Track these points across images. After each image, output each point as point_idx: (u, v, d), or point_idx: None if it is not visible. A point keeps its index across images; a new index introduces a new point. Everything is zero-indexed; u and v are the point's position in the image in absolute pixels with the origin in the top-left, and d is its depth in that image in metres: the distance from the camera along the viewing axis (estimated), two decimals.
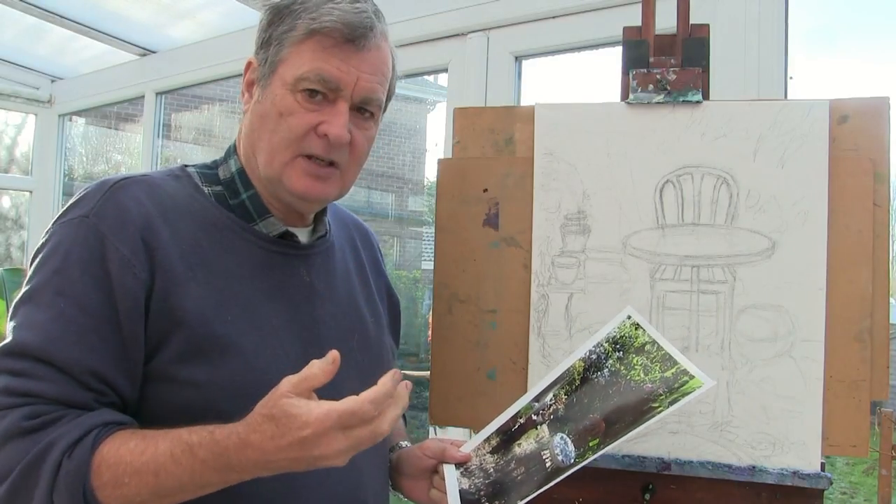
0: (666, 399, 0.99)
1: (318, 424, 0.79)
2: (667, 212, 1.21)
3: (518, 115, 1.32)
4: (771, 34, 1.57)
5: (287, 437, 0.80)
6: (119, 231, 0.90)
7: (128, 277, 0.88)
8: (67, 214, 0.93)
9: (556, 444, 1.03)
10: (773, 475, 1.13)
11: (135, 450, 0.83)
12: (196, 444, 0.83)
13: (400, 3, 2.07)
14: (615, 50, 1.70)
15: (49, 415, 0.84)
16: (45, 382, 0.84)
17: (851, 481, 5.66)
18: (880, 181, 1.14)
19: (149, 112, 3.03)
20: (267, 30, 1.00)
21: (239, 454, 0.82)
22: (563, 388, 1.09)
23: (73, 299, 0.87)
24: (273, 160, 0.98)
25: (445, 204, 1.34)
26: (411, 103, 9.43)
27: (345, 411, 0.80)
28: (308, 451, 0.80)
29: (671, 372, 1.02)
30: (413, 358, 6.67)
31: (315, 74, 0.96)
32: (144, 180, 0.97)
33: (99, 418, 0.86)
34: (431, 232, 5.20)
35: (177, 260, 0.92)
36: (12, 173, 3.83)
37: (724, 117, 1.19)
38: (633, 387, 1.03)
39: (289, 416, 0.80)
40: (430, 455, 1.11)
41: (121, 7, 2.71)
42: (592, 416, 1.03)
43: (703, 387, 0.98)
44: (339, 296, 1.10)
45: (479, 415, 1.12)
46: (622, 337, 1.09)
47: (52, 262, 0.89)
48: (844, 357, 1.13)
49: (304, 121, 0.97)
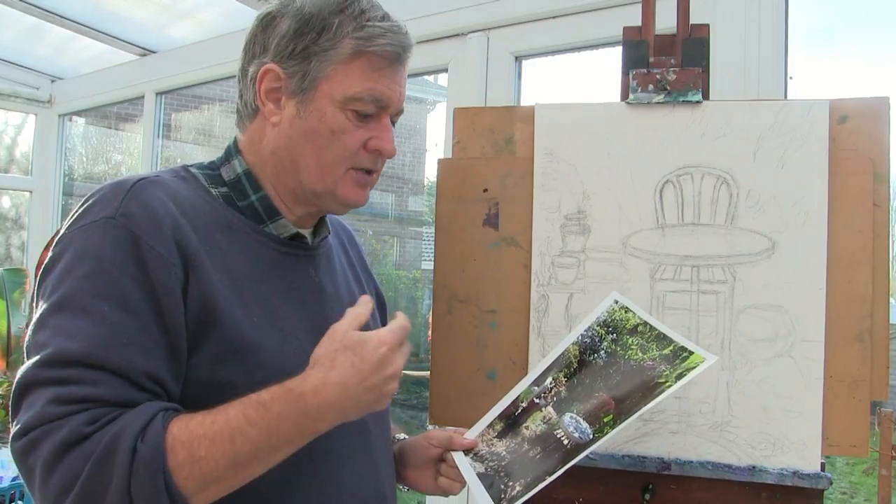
0: (672, 374, 1.00)
1: (392, 338, 0.88)
2: (667, 212, 1.21)
3: (518, 115, 1.32)
4: (771, 34, 1.57)
5: (367, 359, 0.86)
6: (152, 231, 0.88)
7: (170, 277, 0.87)
8: (86, 217, 0.90)
9: (567, 423, 1.04)
10: (773, 475, 1.13)
11: (204, 421, 0.82)
12: (268, 399, 0.83)
13: (400, 3, 2.06)
14: (615, 50, 1.70)
15: (108, 415, 0.80)
16: (101, 386, 0.81)
17: (851, 481, 5.66)
18: (880, 181, 1.14)
19: (149, 112, 3.04)
20: (295, 40, 0.98)
21: (317, 396, 0.84)
22: (562, 372, 1.10)
23: (116, 302, 0.84)
24: (325, 176, 1.00)
25: (445, 204, 1.34)
26: (411, 103, 9.39)
27: (401, 326, 0.91)
28: (383, 372, 0.87)
29: (669, 350, 1.04)
30: (413, 358, 6.67)
31: (369, 96, 0.98)
32: (159, 181, 0.96)
33: (159, 405, 0.84)
34: (431, 232, 5.20)
35: (205, 259, 0.91)
36: (12, 173, 3.83)
37: (724, 117, 1.19)
38: (634, 365, 1.05)
39: (364, 340, 0.87)
40: (436, 444, 1.14)
41: (121, 7, 2.71)
42: (599, 395, 1.04)
43: (707, 362, 0.99)
44: (343, 295, 1.11)
45: (479, 415, 1.13)
46: (613, 320, 1.10)
47: (82, 268, 0.85)
48: (844, 357, 1.13)
49: (357, 138, 1.00)
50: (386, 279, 7.55)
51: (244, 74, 1.04)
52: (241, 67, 1.05)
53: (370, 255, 7.98)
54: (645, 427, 1.19)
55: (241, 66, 1.05)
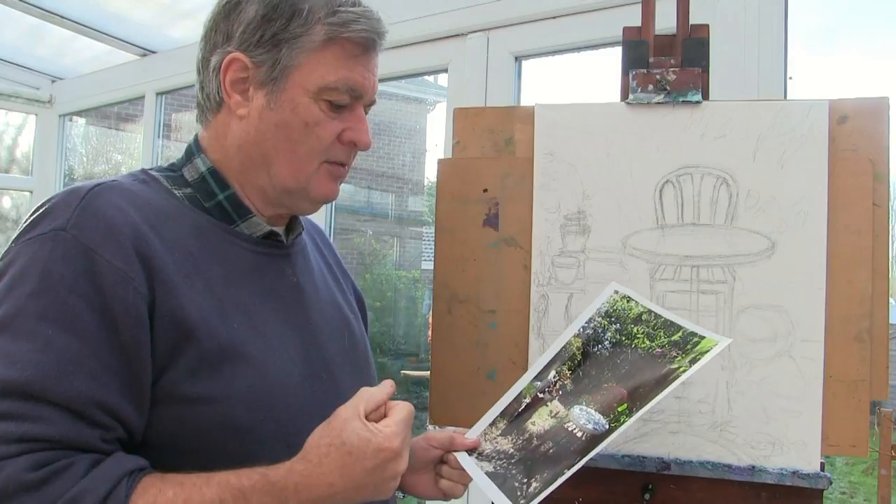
0: (684, 359, 0.96)
1: (396, 443, 0.80)
2: (666, 212, 1.21)
3: (518, 116, 1.32)
4: (771, 34, 1.57)
5: (361, 463, 0.79)
6: (108, 243, 0.81)
7: (128, 292, 0.80)
8: (34, 230, 0.82)
9: (578, 416, 0.99)
10: (773, 475, 1.13)
11: (175, 500, 0.75)
12: (249, 488, 0.77)
13: (400, 3, 2.07)
14: (615, 50, 1.70)
15: (56, 462, 0.72)
16: (44, 423, 0.73)
17: (851, 481, 5.66)
18: (880, 181, 1.14)
19: (149, 112, 3.04)
20: (263, 26, 0.92)
21: (299, 495, 0.77)
22: (566, 365, 1.07)
23: (62, 324, 0.76)
24: (299, 171, 0.95)
25: (445, 204, 1.34)
26: (411, 103, 9.43)
27: (410, 414, 0.84)
28: (380, 475, 0.80)
29: (678, 335, 1.00)
30: (413, 358, 6.67)
31: (344, 85, 0.93)
32: (117, 185, 0.88)
33: (123, 466, 0.76)
34: (431, 232, 5.20)
35: (172, 269, 0.85)
36: (13, 173, 3.83)
37: (723, 117, 1.19)
38: (642, 354, 1.01)
39: (364, 441, 0.79)
40: (437, 445, 1.07)
41: (121, 7, 2.71)
42: (608, 386, 1.00)
43: (720, 344, 0.96)
44: (322, 295, 1.07)
45: (479, 415, 1.12)
46: (615, 310, 1.08)
47: (25, 285, 0.78)
48: (844, 357, 1.13)
49: (331, 130, 0.95)
50: (386, 279, 7.55)
51: (205, 65, 0.97)
52: (201, 58, 0.98)
53: (370, 255, 7.97)
54: (644, 427, 1.19)
55: (202, 56, 0.98)
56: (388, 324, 7.14)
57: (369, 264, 7.64)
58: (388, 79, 2.28)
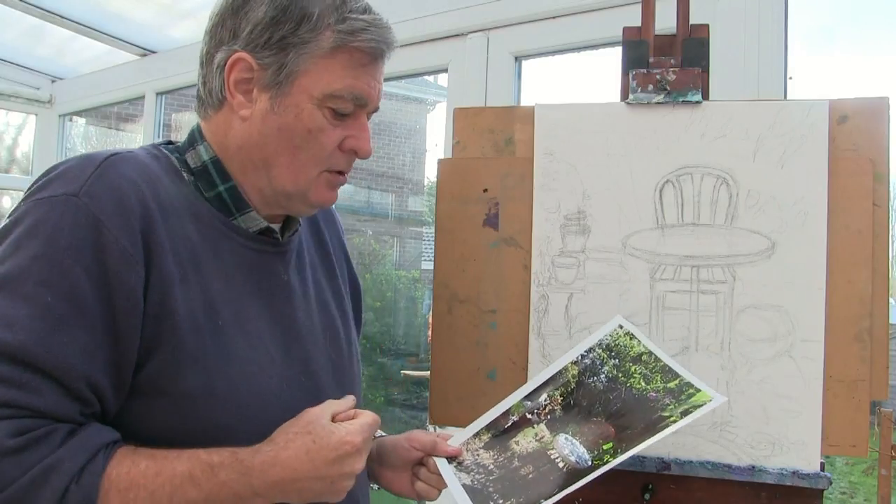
0: (676, 409, 0.97)
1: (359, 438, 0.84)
2: (666, 212, 1.21)
3: (518, 116, 1.32)
4: (771, 34, 1.57)
5: (324, 451, 0.82)
6: (118, 218, 0.80)
7: (130, 273, 0.79)
8: (46, 190, 0.81)
9: (562, 445, 1.01)
10: (773, 475, 1.13)
11: (147, 471, 0.78)
12: (218, 463, 0.79)
13: (400, 3, 2.07)
14: (615, 50, 1.70)
15: (36, 430, 0.74)
16: (32, 392, 0.74)
17: (851, 481, 5.66)
18: (880, 181, 1.14)
19: (149, 112, 3.04)
20: (272, 28, 0.90)
21: (265, 473, 0.80)
22: (559, 390, 1.07)
23: (62, 292, 0.76)
24: (299, 177, 0.94)
25: (445, 204, 1.34)
26: (411, 103, 9.43)
27: (370, 424, 0.86)
28: (339, 468, 0.82)
29: (674, 384, 1.01)
30: (413, 358, 6.67)
31: (349, 93, 0.92)
32: (134, 158, 0.87)
33: (101, 437, 0.78)
34: (431, 232, 5.20)
35: (169, 257, 0.84)
36: (13, 173, 3.83)
37: (723, 117, 1.19)
38: (636, 394, 1.02)
39: (329, 432, 0.83)
40: (419, 447, 1.07)
41: (121, 7, 2.71)
42: (597, 420, 1.02)
43: (714, 401, 0.97)
44: (310, 293, 1.05)
45: (479, 415, 1.12)
46: (617, 345, 1.08)
47: (32, 246, 0.77)
48: (844, 357, 1.13)
49: (333, 138, 0.94)
50: (386, 279, 7.55)
51: (209, 60, 0.96)
52: (205, 51, 0.97)
53: (370, 255, 7.98)
54: None
55: (206, 49, 0.96)
56: (388, 324, 7.14)
57: (369, 264, 7.64)
58: (388, 79, 2.27)
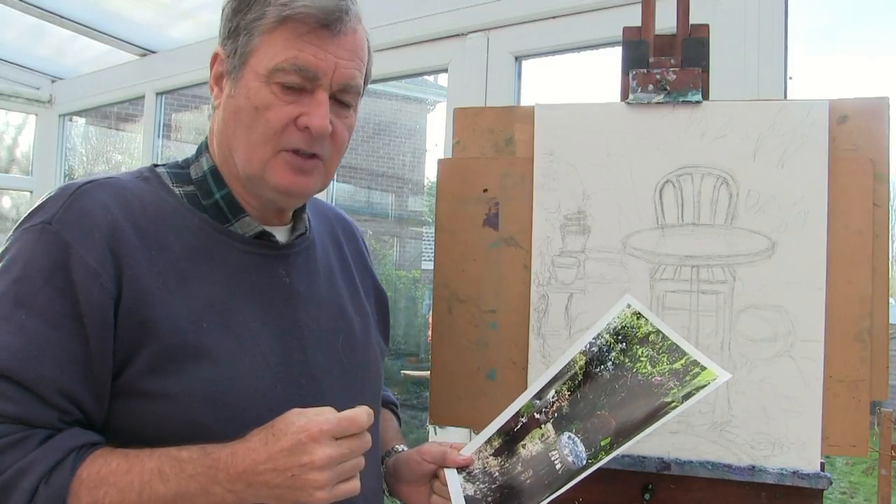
0: (679, 392, 0.95)
1: (317, 428, 0.81)
2: (666, 212, 1.21)
3: (518, 116, 1.32)
4: (771, 34, 1.57)
5: (280, 441, 0.81)
6: (83, 239, 0.85)
7: (94, 288, 0.84)
8: (29, 220, 0.88)
9: (564, 444, 1.00)
10: (773, 475, 1.13)
11: (117, 469, 0.81)
12: (186, 459, 0.82)
13: (400, 3, 2.07)
14: (615, 50, 1.70)
15: (11, 436, 0.79)
16: (5, 401, 0.79)
17: (851, 481, 5.67)
18: (880, 181, 1.14)
19: (149, 112, 3.04)
20: (233, 18, 0.95)
21: (227, 466, 0.81)
22: (566, 385, 1.06)
23: (36, 311, 0.82)
24: (252, 157, 0.94)
25: (445, 204, 1.34)
26: (411, 103, 9.43)
27: (344, 417, 0.83)
28: (296, 459, 0.80)
29: (680, 363, 0.99)
30: (413, 358, 6.66)
31: (291, 64, 0.91)
32: (110, 183, 0.93)
33: (74, 440, 0.82)
34: (431, 232, 5.20)
35: (146, 267, 0.88)
36: (13, 173, 3.83)
37: (723, 117, 1.19)
38: (641, 380, 1.00)
39: (286, 422, 0.82)
40: (430, 460, 1.08)
41: (121, 7, 2.71)
42: (600, 413, 1.00)
43: (718, 379, 0.94)
44: (322, 296, 1.05)
45: (479, 415, 1.13)
46: (624, 327, 1.06)
47: (12, 272, 0.84)
48: (844, 357, 1.13)
49: (283, 114, 0.92)
50: (386, 279, 7.55)
51: None
52: None
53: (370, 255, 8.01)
54: None
55: None
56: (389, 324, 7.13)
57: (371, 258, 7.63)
58: (388, 79, 2.28)
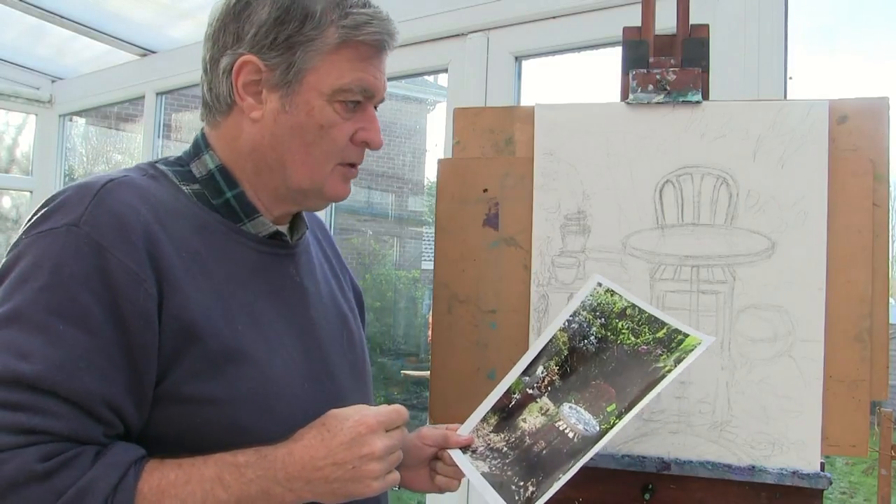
0: (669, 357, 0.98)
1: (373, 420, 0.85)
2: (666, 212, 1.21)
3: (518, 116, 1.32)
4: (771, 34, 1.57)
5: (338, 436, 0.84)
6: (121, 242, 0.81)
7: (139, 294, 0.80)
8: (46, 222, 0.82)
9: (568, 414, 1.01)
10: (773, 475, 1.13)
11: (176, 481, 0.79)
12: (244, 463, 0.82)
13: (400, 3, 2.07)
14: (615, 50, 1.70)
15: (64, 454, 0.75)
16: (53, 417, 0.75)
17: (851, 481, 5.66)
18: (880, 181, 1.14)
19: (149, 112, 3.04)
20: (277, 29, 0.91)
21: (285, 466, 0.82)
22: (553, 360, 1.07)
23: (73, 319, 0.77)
24: (315, 173, 0.96)
25: (445, 204, 1.34)
26: (411, 103, 9.43)
27: (393, 410, 0.88)
28: (357, 451, 0.83)
29: (662, 332, 1.02)
30: (413, 358, 6.66)
31: (358, 87, 0.94)
32: (129, 181, 0.88)
33: (128, 454, 0.79)
34: (431, 232, 5.20)
35: (180, 269, 0.86)
36: (13, 173, 3.83)
37: (723, 117, 1.19)
38: (628, 350, 1.03)
39: (338, 418, 0.86)
40: (431, 443, 1.08)
41: (121, 7, 2.71)
42: (596, 383, 1.02)
43: (704, 343, 0.97)
44: (324, 293, 1.07)
45: None
46: (599, 304, 1.08)
47: (38, 279, 0.78)
48: (844, 357, 1.13)
49: (345, 132, 0.96)
50: (386, 279, 7.55)
51: (213, 65, 0.96)
52: (209, 57, 0.97)
53: (370, 255, 7.96)
54: (644, 427, 1.19)
55: (210, 55, 0.97)
56: (388, 324, 7.13)
57: (369, 264, 7.63)
58: (388, 79, 2.28)
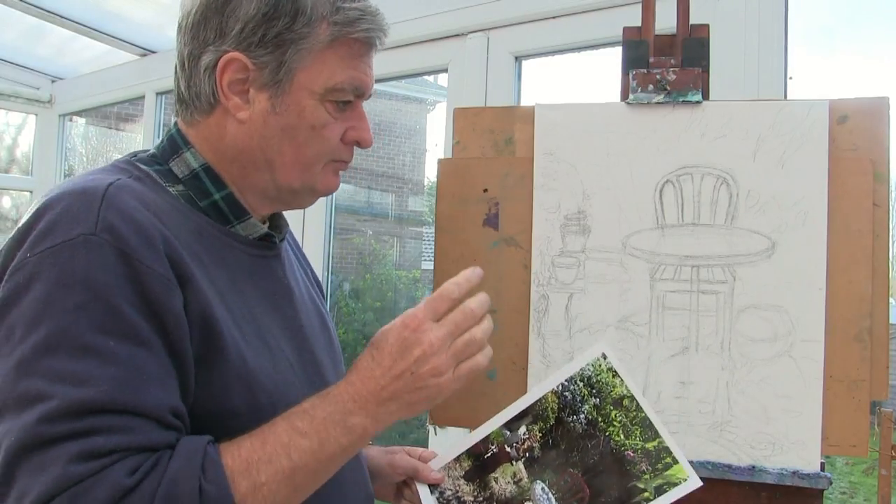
0: (651, 482, 1.00)
1: (412, 317, 0.87)
2: (666, 212, 1.21)
3: (518, 116, 1.32)
4: (771, 34, 1.57)
5: (386, 349, 0.85)
6: (144, 247, 0.77)
7: (171, 297, 0.77)
8: (52, 236, 0.75)
9: (539, 496, 1.02)
10: (773, 475, 1.13)
11: (253, 445, 0.78)
12: (309, 407, 0.82)
13: (400, 3, 2.07)
14: (615, 50, 1.70)
15: (145, 464, 0.72)
16: (132, 433, 0.72)
17: (851, 481, 5.67)
18: (880, 181, 1.14)
19: (149, 112, 3.04)
20: (265, 25, 0.87)
21: (352, 396, 0.83)
22: (538, 424, 1.06)
23: (122, 334, 0.74)
24: (306, 173, 0.94)
25: (445, 204, 1.34)
26: (411, 103, 9.43)
27: (432, 298, 0.90)
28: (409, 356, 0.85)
29: (653, 445, 1.02)
30: None
31: (350, 86, 0.92)
32: (125, 185, 0.83)
33: (200, 440, 0.77)
34: (431, 232, 5.20)
35: (196, 275, 0.83)
36: (13, 173, 3.83)
37: (723, 117, 1.19)
38: (614, 449, 1.03)
39: (384, 332, 0.87)
40: (401, 473, 1.10)
41: (121, 7, 2.71)
42: (573, 473, 1.03)
43: (689, 482, 1.00)
44: (304, 292, 1.07)
45: (479, 415, 1.12)
46: (598, 381, 1.06)
47: (70, 298, 0.72)
48: (844, 357, 1.13)
49: (336, 131, 0.94)
50: (386, 279, 7.55)
51: (192, 62, 0.90)
52: (187, 53, 0.91)
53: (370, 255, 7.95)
54: None
55: (188, 51, 0.91)
56: None
57: (369, 264, 7.63)
58: (388, 79, 2.28)
